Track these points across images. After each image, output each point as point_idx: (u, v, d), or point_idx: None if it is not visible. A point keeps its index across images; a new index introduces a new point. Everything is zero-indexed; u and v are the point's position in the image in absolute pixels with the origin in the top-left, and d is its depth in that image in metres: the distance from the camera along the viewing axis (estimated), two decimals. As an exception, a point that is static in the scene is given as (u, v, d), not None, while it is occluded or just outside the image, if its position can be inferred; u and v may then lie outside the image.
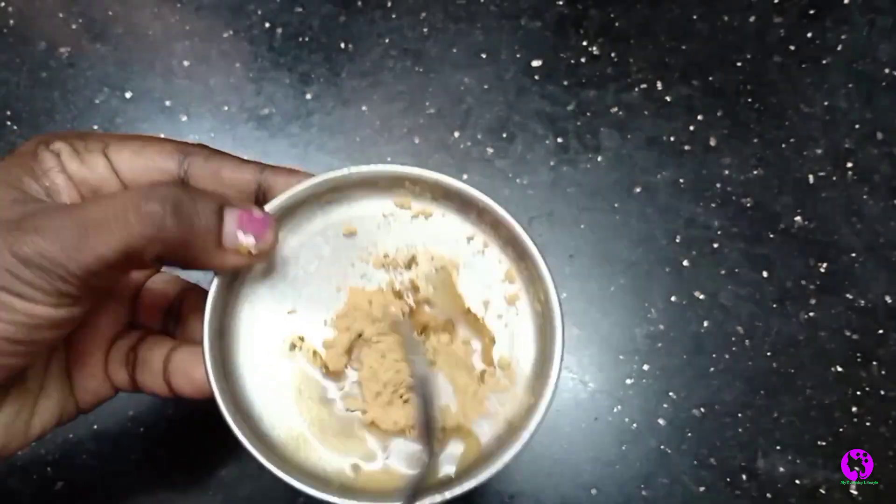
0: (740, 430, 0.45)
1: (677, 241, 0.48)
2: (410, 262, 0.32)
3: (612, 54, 0.52)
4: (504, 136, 0.50)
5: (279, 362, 0.31)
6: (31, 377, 0.29)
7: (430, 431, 0.28)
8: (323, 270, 0.32)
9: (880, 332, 0.47)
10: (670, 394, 0.46)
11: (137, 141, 0.29)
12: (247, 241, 0.27)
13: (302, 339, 0.31)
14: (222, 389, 0.29)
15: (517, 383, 0.31)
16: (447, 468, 0.30)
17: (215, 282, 0.29)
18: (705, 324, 0.47)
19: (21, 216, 0.24)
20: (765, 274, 0.48)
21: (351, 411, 0.31)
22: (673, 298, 0.47)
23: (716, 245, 0.48)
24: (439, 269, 0.32)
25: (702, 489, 0.44)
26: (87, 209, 0.24)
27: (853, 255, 0.48)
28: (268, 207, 0.29)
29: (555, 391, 0.29)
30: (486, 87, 0.51)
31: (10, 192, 0.25)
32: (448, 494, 0.28)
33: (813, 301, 0.47)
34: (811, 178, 0.50)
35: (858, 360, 0.46)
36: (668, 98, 0.51)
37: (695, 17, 0.53)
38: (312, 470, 0.30)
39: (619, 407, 0.45)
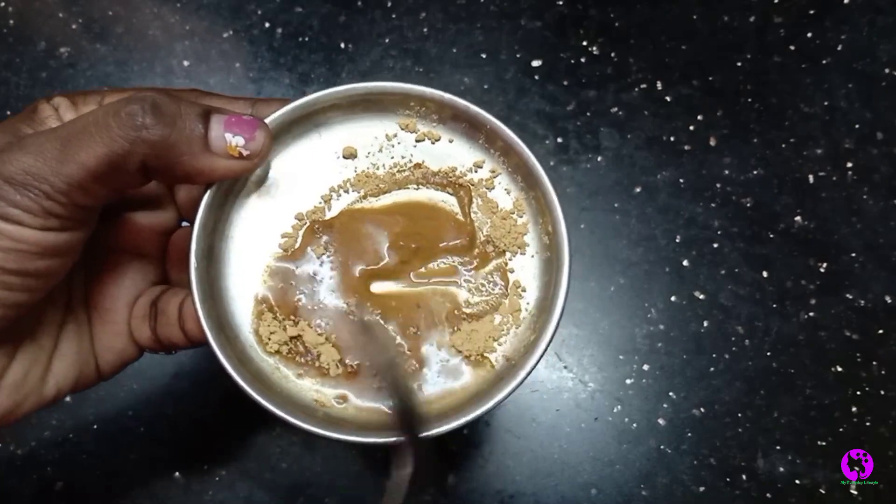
0: (740, 430, 0.45)
1: (677, 241, 0.48)
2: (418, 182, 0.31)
3: (612, 54, 0.52)
4: (504, 136, 0.50)
5: (267, 283, 0.30)
6: (41, 333, 0.28)
7: (409, 421, 0.27)
8: (318, 193, 0.31)
9: (880, 332, 0.47)
10: (670, 394, 0.46)
11: (132, 90, 0.28)
12: (236, 141, 0.26)
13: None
14: (207, 311, 0.27)
15: (519, 318, 0.30)
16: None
17: (206, 196, 0.28)
18: (705, 324, 0.47)
19: (8, 146, 0.24)
20: (765, 274, 0.48)
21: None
22: (673, 298, 0.47)
23: (716, 245, 0.48)
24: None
25: (702, 489, 0.44)
26: (69, 124, 0.24)
27: (853, 255, 0.48)
28: None
29: (556, 329, 0.28)
30: (486, 87, 0.51)
31: (5, 137, 0.25)
32: (434, 431, 0.27)
33: (813, 301, 0.47)
34: (811, 178, 0.50)
35: (858, 360, 0.46)
36: (668, 98, 0.51)
37: (695, 17, 0.53)
38: (297, 398, 0.29)
39: (619, 407, 0.45)
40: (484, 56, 0.52)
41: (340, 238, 0.30)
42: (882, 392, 0.46)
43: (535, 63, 0.52)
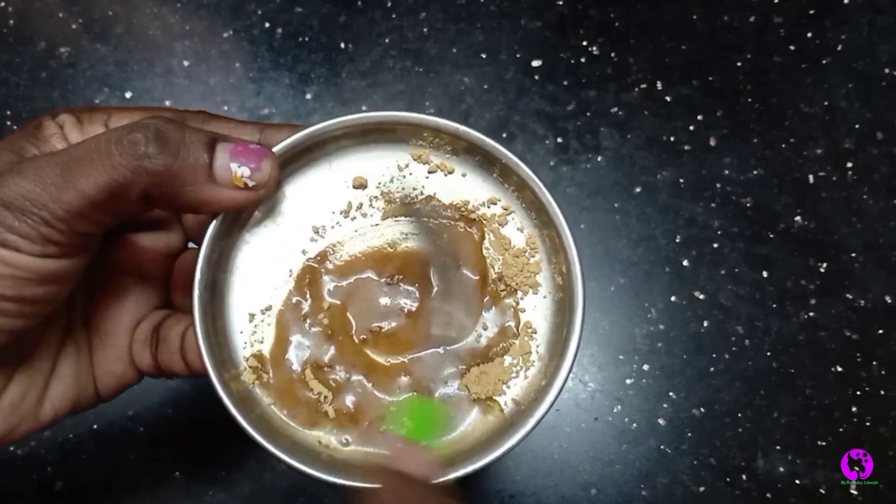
0: (740, 430, 0.45)
1: (677, 241, 0.48)
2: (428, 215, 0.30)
3: (612, 54, 0.52)
4: (504, 136, 0.50)
5: (270, 320, 0.29)
6: (39, 356, 0.28)
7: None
8: (326, 224, 0.30)
9: (880, 332, 0.47)
10: (670, 394, 0.46)
11: (139, 110, 0.28)
12: (241, 171, 0.25)
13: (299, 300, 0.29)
14: (210, 347, 0.27)
15: (529, 360, 0.29)
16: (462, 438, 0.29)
17: (211, 227, 0.27)
18: (705, 324, 0.47)
19: (8, 167, 0.23)
20: (765, 274, 0.48)
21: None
22: (673, 298, 0.47)
23: (716, 245, 0.48)
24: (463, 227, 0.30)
25: (702, 489, 0.44)
26: (70, 149, 0.24)
27: (853, 255, 0.48)
28: None
29: (569, 374, 0.27)
30: (486, 87, 0.51)
31: (8, 156, 0.25)
32: (443, 479, 0.26)
33: (813, 301, 0.47)
34: (811, 178, 0.50)
35: (858, 360, 0.46)
36: (668, 98, 0.51)
37: (695, 17, 0.53)
38: (301, 438, 0.28)
39: (619, 407, 0.45)
40: (484, 56, 0.52)
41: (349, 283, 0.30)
42: (882, 392, 0.46)
43: (535, 63, 0.52)
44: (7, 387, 0.27)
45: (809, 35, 0.52)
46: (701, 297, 0.47)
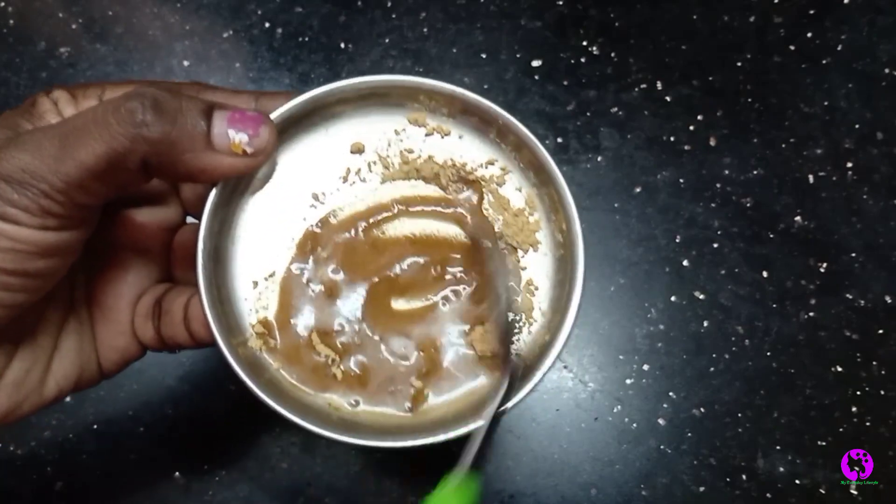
0: (740, 430, 0.45)
1: (677, 241, 0.48)
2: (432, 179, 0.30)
3: (612, 54, 0.52)
4: (504, 136, 0.50)
5: (274, 287, 0.30)
6: (41, 332, 0.28)
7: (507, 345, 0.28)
8: (325, 190, 0.30)
9: (880, 332, 0.47)
10: (670, 394, 0.46)
11: (133, 83, 0.28)
12: (239, 138, 0.26)
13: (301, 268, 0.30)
14: (216, 315, 0.27)
15: (532, 317, 0.30)
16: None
17: (211, 196, 0.27)
18: (705, 324, 0.47)
19: (5, 142, 0.24)
20: (765, 274, 0.48)
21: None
22: (673, 298, 0.47)
23: (716, 245, 0.48)
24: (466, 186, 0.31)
25: (702, 489, 0.44)
26: (68, 121, 0.24)
27: (853, 255, 0.48)
28: None
29: (571, 330, 0.28)
30: (486, 87, 0.51)
31: (3, 132, 0.25)
32: (453, 434, 0.27)
33: (813, 301, 0.47)
34: (811, 178, 0.50)
35: (858, 360, 0.46)
36: (668, 98, 0.51)
37: (695, 17, 0.53)
38: (310, 402, 0.29)
39: (619, 407, 0.45)
40: (484, 56, 0.52)
41: (350, 240, 0.30)
42: (882, 392, 0.46)
43: (535, 63, 0.52)
44: (10, 363, 0.27)
45: (809, 35, 0.52)
46: (701, 297, 0.47)
